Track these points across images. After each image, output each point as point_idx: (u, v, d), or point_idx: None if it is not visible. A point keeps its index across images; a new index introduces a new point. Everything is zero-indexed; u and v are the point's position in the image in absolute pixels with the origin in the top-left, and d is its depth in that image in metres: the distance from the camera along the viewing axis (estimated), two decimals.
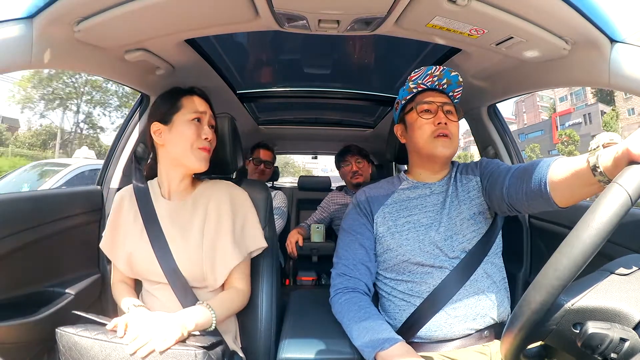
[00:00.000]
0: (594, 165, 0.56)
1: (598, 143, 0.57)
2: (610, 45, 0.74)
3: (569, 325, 0.47)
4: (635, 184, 0.43)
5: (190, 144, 0.89)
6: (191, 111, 0.91)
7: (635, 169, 0.44)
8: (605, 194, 0.44)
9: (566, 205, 0.70)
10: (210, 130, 0.93)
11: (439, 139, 0.93)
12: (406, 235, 0.92)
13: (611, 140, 0.56)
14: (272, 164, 2.17)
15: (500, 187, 0.86)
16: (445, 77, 0.96)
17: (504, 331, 0.52)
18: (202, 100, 0.95)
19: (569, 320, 0.47)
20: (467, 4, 0.72)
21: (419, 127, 0.95)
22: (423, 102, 0.96)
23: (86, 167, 4.22)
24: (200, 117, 0.92)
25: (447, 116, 0.94)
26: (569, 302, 0.47)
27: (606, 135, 0.57)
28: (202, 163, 0.91)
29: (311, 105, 2.10)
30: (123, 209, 0.95)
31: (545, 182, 0.71)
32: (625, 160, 0.48)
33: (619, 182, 0.44)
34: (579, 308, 0.47)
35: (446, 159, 0.96)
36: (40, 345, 0.93)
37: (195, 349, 0.67)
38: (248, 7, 0.79)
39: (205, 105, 0.95)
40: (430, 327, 0.85)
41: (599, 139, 0.58)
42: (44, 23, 0.72)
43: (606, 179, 0.55)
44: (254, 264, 0.98)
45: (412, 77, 0.98)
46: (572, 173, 0.64)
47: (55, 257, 1.03)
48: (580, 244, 0.43)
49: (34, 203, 0.97)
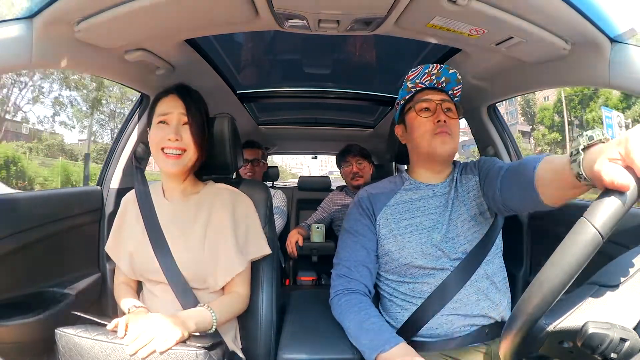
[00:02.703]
0: (577, 173, 0.52)
1: (578, 147, 0.51)
2: (610, 45, 0.74)
3: (555, 344, 0.48)
4: (604, 219, 0.42)
5: (157, 148, 0.88)
6: (157, 114, 0.89)
7: (605, 203, 0.42)
8: (575, 232, 0.43)
9: (557, 205, 0.68)
10: (179, 130, 0.87)
11: (438, 136, 0.91)
12: (408, 238, 0.91)
13: (591, 141, 0.50)
14: (259, 161, 2.11)
15: (494, 187, 0.85)
16: (444, 75, 0.95)
17: (501, 336, 0.52)
18: (175, 99, 0.89)
19: (553, 340, 0.48)
20: (467, 4, 0.72)
21: (418, 125, 0.95)
22: (422, 100, 0.95)
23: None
24: (165, 119, 0.88)
25: (446, 114, 0.93)
26: (550, 325, 0.48)
27: (586, 137, 0.51)
28: (169, 166, 0.88)
29: (311, 105, 2.10)
30: (127, 212, 0.96)
31: (533, 184, 0.69)
32: (601, 184, 0.45)
33: (588, 219, 0.43)
34: (562, 329, 0.48)
35: (446, 157, 0.94)
36: (40, 345, 0.92)
37: (196, 349, 0.67)
38: (248, 7, 0.78)
39: (175, 105, 0.89)
40: (432, 325, 0.86)
41: (578, 142, 0.52)
42: (44, 23, 0.72)
43: (592, 183, 0.51)
44: (254, 264, 0.98)
45: (410, 76, 0.97)
46: (558, 176, 0.61)
47: (55, 257, 1.03)
48: (548, 285, 0.44)
49: (33, 203, 0.97)
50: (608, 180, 0.42)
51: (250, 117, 2.13)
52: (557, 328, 0.47)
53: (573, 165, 0.52)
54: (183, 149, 0.88)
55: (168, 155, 0.87)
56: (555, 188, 0.64)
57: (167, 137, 0.86)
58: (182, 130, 0.88)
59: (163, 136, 0.87)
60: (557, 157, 0.65)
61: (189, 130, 0.88)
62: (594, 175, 0.46)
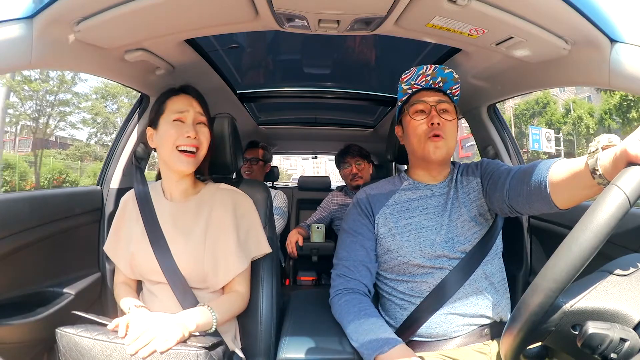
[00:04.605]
0: (592, 168, 0.55)
1: (597, 145, 0.56)
2: (610, 45, 0.74)
3: (568, 327, 0.47)
4: (633, 185, 0.43)
5: (172, 146, 0.87)
6: (172, 112, 0.89)
7: (633, 170, 0.44)
8: (604, 196, 0.44)
9: (567, 207, 0.70)
10: (197, 128, 0.89)
11: (431, 141, 0.91)
12: (407, 237, 0.92)
13: (610, 142, 0.55)
14: (259, 161, 2.11)
15: (501, 188, 0.85)
16: (439, 75, 0.94)
17: (503, 331, 0.52)
18: (189, 98, 0.92)
19: (567, 321, 0.47)
20: (467, 4, 0.72)
21: (412, 128, 0.94)
22: (416, 102, 0.95)
23: None
24: (181, 117, 0.89)
25: (441, 115, 0.92)
26: (567, 304, 0.47)
27: (605, 137, 0.56)
28: (184, 165, 0.88)
29: (311, 105, 2.10)
30: (126, 212, 0.96)
31: (546, 184, 0.70)
32: (624, 161, 0.47)
33: (617, 184, 0.44)
34: (578, 309, 0.47)
35: (440, 161, 0.94)
36: (40, 345, 0.92)
37: (197, 349, 0.67)
38: (248, 7, 0.78)
39: (190, 104, 0.91)
40: (430, 324, 0.86)
41: (598, 140, 0.57)
42: (44, 23, 0.71)
43: (605, 181, 0.54)
44: (254, 264, 0.98)
45: (404, 78, 0.97)
46: (572, 175, 0.63)
47: (55, 257, 1.03)
48: (578, 247, 0.43)
49: (34, 203, 0.97)
50: (633, 153, 0.46)
51: (250, 117, 2.13)
52: (574, 308, 0.47)
53: (590, 161, 0.56)
54: (197, 147, 0.89)
55: (185, 153, 0.87)
56: (568, 188, 0.66)
57: (185, 134, 0.87)
58: (198, 128, 0.90)
59: (180, 134, 0.87)
60: (572, 159, 0.67)
61: (204, 129, 0.91)
62: (615, 160, 0.51)
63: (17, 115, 15.91)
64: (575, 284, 0.48)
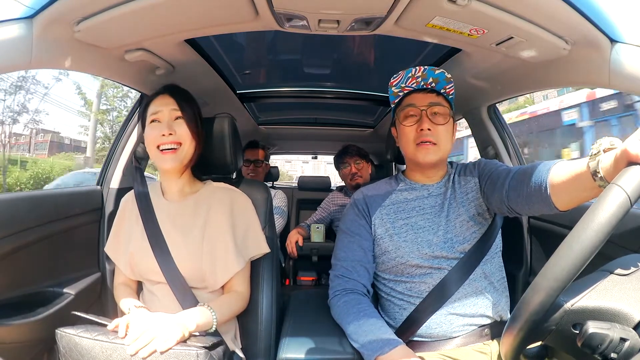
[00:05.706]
0: (594, 170, 0.55)
1: (599, 148, 0.56)
2: (610, 45, 0.73)
3: (569, 326, 0.47)
4: (634, 184, 0.43)
5: (154, 147, 0.89)
6: (150, 114, 0.91)
7: (634, 170, 0.44)
8: (605, 196, 0.44)
9: (567, 209, 0.70)
10: (174, 125, 0.89)
11: (420, 148, 0.90)
12: (404, 238, 0.92)
13: (612, 145, 0.55)
14: (262, 162, 2.12)
15: (500, 189, 0.84)
16: (430, 76, 0.93)
17: (503, 331, 0.52)
18: (164, 97, 0.91)
19: (568, 320, 0.47)
20: (467, 4, 0.71)
21: (403, 134, 0.94)
22: (407, 107, 0.94)
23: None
24: (156, 117, 0.90)
25: (433, 120, 0.91)
26: (568, 303, 0.47)
27: (607, 140, 0.56)
28: (166, 163, 0.89)
29: (311, 105, 2.10)
30: (126, 212, 0.96)
31: (546, 185, 0.70)
32: (625, 161, 0.48)
33: (618, 184, 0.44)
34: (579, 308, 0.47)
35: (432, 164, 0.94)
36: (40, 346, 0.92)
37: (197, 349, 0.67)
38: (248, 7, 0.78)
39: (165, 102, 0.91)
40: (430, 324, 0.86)
41: (600, 143, 0.57)
42: (44, 23, 0.71)
43: (606, 184, 0.54)
44: (254, 264, 0.98)
45: (393, 82, 0.96)
46: (573, 177, 0.63)
47: (55, 257, 1.03)
48: (579, 246, 0.43)
49: (34, 203, 0.97)
50: (634, 152, 0.46)
51: (251, 117, 2.13)
52: (574, 307, 0.47)
53: (591, 163, 0.56)
54: (178, 143, 0.89)
55: (165, 151, 0.88)
56: (568, 190, 0.66)
57: (160, 133, 0.88)
58: (176, 125, 0.89)
59: (157, 134, 0.88)
60: (572, 160, 0.67)
61: (183, 124, 0.90)
62: (616, 161, 0.51)
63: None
64: (576, 283, 0.48)
